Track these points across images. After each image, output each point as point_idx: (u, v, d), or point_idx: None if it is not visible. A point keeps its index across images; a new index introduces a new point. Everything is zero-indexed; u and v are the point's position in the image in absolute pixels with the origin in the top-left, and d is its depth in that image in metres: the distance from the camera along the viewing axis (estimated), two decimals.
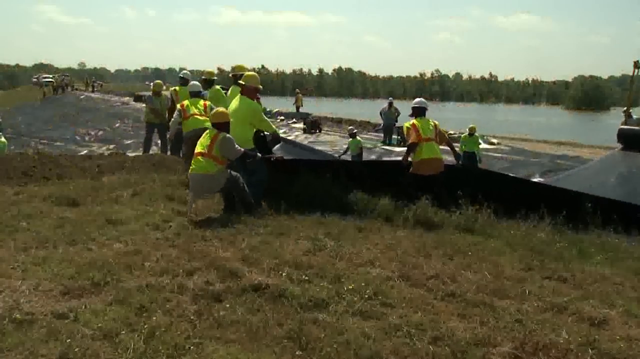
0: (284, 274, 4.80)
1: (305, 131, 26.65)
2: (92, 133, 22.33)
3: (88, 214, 6.66)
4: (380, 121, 24.23)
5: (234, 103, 7.85)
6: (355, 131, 16.77)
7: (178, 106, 10.14)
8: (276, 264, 5.07)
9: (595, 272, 5.51)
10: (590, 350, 3.57)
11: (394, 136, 22.44)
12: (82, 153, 15.75)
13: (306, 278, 4.72)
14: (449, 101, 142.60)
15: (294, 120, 31.93)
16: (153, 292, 4.30)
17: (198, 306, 4.10)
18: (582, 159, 17.36)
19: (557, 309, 4.36)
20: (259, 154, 7.45)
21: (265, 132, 8.31)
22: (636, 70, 14.31)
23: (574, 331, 3.89)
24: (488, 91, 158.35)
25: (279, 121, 32.24)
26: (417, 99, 9.07)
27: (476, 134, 15.53)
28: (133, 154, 12.15)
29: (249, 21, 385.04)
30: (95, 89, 66.34)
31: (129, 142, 22.39)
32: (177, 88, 12.24)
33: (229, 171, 7.08)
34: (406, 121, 9.01)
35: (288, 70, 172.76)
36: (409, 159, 8.36)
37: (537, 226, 7.09)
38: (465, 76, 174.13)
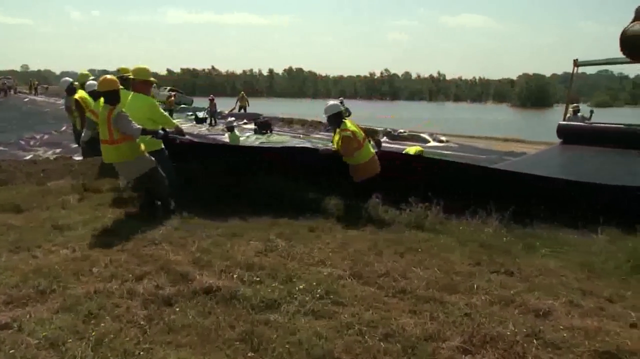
0: (235, 276, 4.78)
1: (256, 131, 26.55)
2: (38, 137, 21.68)
3: (33, 220, 6.50)
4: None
5: (128, 103, 7.46)
6: (234, 124, 16.54)
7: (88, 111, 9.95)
8: (227, 266, 5.05)
9: (540, 265, 5.65)
10: (535, 340, 3.68)
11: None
12: (27, 158, 15.33)
13: (258, 279, 4.72)
14: (398, 99, 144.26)
15: (245, 121, 31.76)
16: (101, 298, 4.23)
17: (148, 311, 4.05)
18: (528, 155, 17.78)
19: (504, 302, 4.45)
20: (161, 131, 7.28)
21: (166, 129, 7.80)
22: (576, 69, 14.83)
23: (520, 322, 3.99)
24: (437, 89, 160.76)
25: (228, 121, 32.03)
26: (332, 103, 8.55)
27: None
28: (80, 158, 11.85)
29: (198, 22, 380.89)
30: (40, 92, 64.51)
31: (76, 145, 21.79)
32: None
33: (152, 158, 7.03)
34: (339, 131, 8.25)
35: (238, 71, 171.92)
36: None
37: (486, 222, 7.22)
38: (414, 75, 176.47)
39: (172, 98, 38.02)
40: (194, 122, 31.10)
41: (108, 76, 7.08)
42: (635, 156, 11.82)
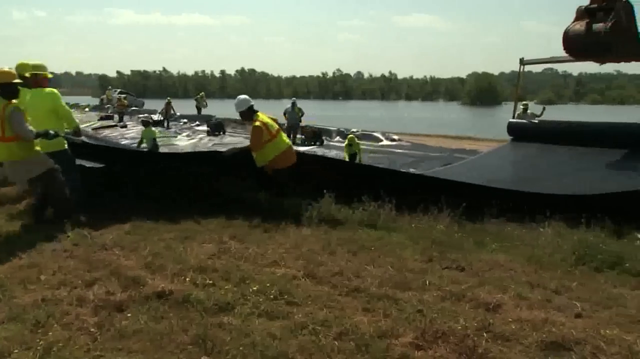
0: (188, 279, 4.74)
1: (209, 133, 26.32)
2: None
3: None
4: (285, 121, 24.32)
5: (30, 100, 7.09)
6: (150, 120, 16.28)
7: None
8: (180, 269, 4.99)
9: (490, 260, 5.77)
10: (485, 334, 3.75)
11: (299, 135, 22.59)
12: None
13: (211, 281, 4.68)
14: (351, 99, 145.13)
15: (197, 122, 31.45)
16: (50, 306, 4.14)
17: (98, 317, 3.98)
18: (479, 152, 18.12)
19: (455, 297, 4.53)
20: (51, 132, 6.76)
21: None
22: (522, 67, 15.19)
23: (470, 316, 4.07)
24: (389, 88, 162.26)
25: (181, 123, 31.66)
26: (243, 98, 8.35)
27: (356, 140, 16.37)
28: None
29: (147, 23, 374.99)
30: None
31: None
32: None
33: (50, 160, 6.72)
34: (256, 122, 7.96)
35: (190, 73, 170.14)
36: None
37: (437, 219, 7.33)
38: (366, 75, 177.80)
39: (124, 100, 37.30)
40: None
41: (5, 68, 6.65)
42: (583, 153, 12.16)
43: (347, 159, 15.15)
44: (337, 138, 24.78)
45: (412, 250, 5.98)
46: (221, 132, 26.40)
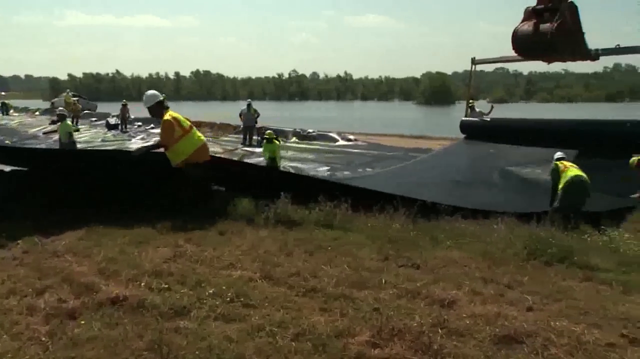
0: (143, 284, 4.68)
1: None
2: None
3: None
4: (240, 123, 24.19)
5: None
6: (65, 114, 15.72)
7: None
8: (135, 274, 4.93)
9: (445, 256, 5.85)
10: (440, 330, 3.81)
11: (255, 137, 22.50)
12: None
13: (166, 286, 4.63)
14: (307, 100, 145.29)
15: (152, 125, 30.96)
16: None
17: (50, 326, 3.90)
18: (433, 151, 18.38)
19: (411, 294, 4.59)
20: None
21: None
22: (474, 67, 15.50)
23: (426, 313, 4.12)
24: (345, 89, 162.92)
25: (136, 126, 31.14)
26: (152, 93, 8.07)
27: (278, 142, 15.05)
28: None
29: (98, 24, 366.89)
30: None
31: None
32: None
33: None
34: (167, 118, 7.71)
35: (144, 75, 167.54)
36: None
37: (393, 217, 7.41)
38: (322, 75, 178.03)
39: (77, 104, 36.34)
40: (106, 129, 29.83)
41: None
42: (532, 150, 12.47)
43: (267, 160, 14.29)
44: (294, 139, 24.78)
45: (368, 249, 6.03)
46: None
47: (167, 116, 7.63)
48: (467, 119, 16.04)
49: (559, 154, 8.90)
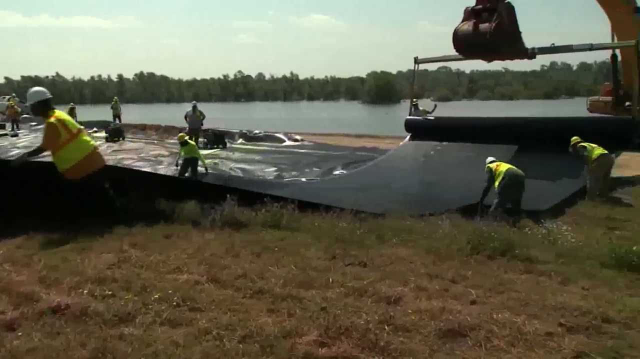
0: (85, 291, 4.57)
1: (107, 139, 25.38)
2: None
3: None
4: (186, 125, 23.88)
5: None
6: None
7: None
8: (77, 281, 4.81)
9: (391, 254, 5.93)
10: (386, 326, 3.86)
11: (201, 139, 22.25)
12: None
13: (110, 292, 4.54)
14: (253, 100, 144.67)
15: (95, 129, 30.26)
16: None
17: None
18: (379, 150, 18.56)
19: (358, 292, 4.63)
20: None
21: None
22: (417, 66, 15.76)
23: (373, 311, 4.17)
24: (291, 89, 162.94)
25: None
26: (37, 89, 7.55)
27: (193, 142, 14.84)
28: None
29: (36, 26, 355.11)
30: None
31: None
32: None
33: None
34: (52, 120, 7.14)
35: (86, 77, 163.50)
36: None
37: (340, 216, 7.47)
38: (268, 76, 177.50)
39: (15, 107, 35.01)
40: None
41: None
42: (476, 148, 12.77)
43: (182, 161, 13.82)
44: (240, 140, 24.65)
45: (315, 249, 6.05)
46: (120, 139, 25.54)
47: (52, 118, 7.07)
48: (412, 117, 16.29)
49: (490, 158, 9.15)
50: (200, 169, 13.73)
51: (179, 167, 14.02)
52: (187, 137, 14.30)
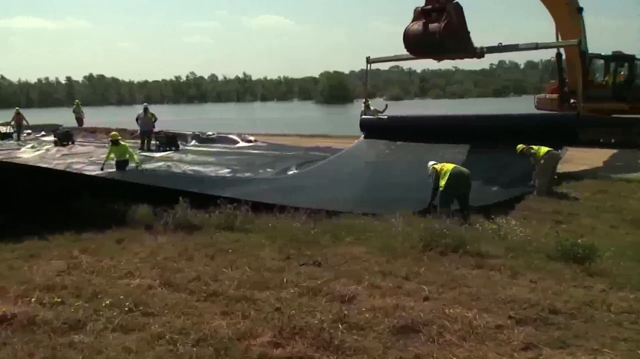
0: (33, 299, 4.46)
1: (56, 143, 24.73)
2: None
3: None
4: (137, 127, 23.46)
5: None
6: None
7: None
8: (25, 290, 4.70)
9: (346, 253, 5.97)
10: (340, 325, 3.89)
11: (153, 141, 21.91)
12: None
13: (59, 299, 4.45)
14: (206, 102, 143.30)
15: (43, 133, 29.42)
16: None
17: None
18: (333, 149, 18.61)
19: (312, 292, 4.65)
20: None
21: None
22: (369, 66, 15.86)
23: (327, 310, 4.19)
24: (244, 90, 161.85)
25: (25, 134, 29.53)
26: None
27: (125, 143, 14.09)
28: None
29: None
30: None
31: None
32: None
33: None
34: None
35: (33, 80, 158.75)
36: None
37: (295, 216, 7.47)
38: (220, 77, 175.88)
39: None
40: None
41: None
42: (430, 147, 12.92)
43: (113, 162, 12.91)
44: (193, 142, 24.36)
45: (269, 249, 6.05)
46: (70, 142, 24.90)
47: None
48: (367, 117, 16.39)
49: (432, 162, 9.26)
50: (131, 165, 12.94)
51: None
52: (119, 137, 13.56)
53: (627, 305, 4.35)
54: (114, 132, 13.95)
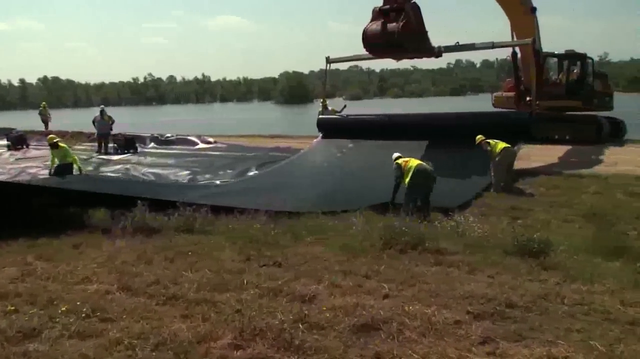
0: None
1: (9, 147, 24.08)
2: None
3: None
4: (94, 130, 23.03)
5: None
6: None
7: None
8: None
9: (306, 252, 5.98)
10: (301, 325, 3.90)
11: (110, 144, 21.54)
12: None
13: (13, 307, 4.35)
14: (165, 103, 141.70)
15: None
16: None
17: None
18: (292, 149, 18.61)
19: (273, 293, 4.64)
20: None
21: None
22: (329, 65, 15.93)
23: (287, 310, 4.19)
24: (203, 91, 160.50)
25: None
26: None
27: (65, 145, 13.16)
28: None
29: None
30: None
31: None
32: None
33: None
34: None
35: None
36: None
37: (255, 217, 7.45)
38: (179, 78, 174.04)
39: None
40: None
41: None
42: (388, 145, 13.01)
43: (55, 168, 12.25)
44: (152, 144, 24.04)
45: (229, 251, 6.02)
46: (24, 146, 24.29)
47: None
48: (324, 116, 16.43)
49: (396, 154, 9.32)
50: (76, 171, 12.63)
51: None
52: (57, 139, 13.11)
53: (580, 297, 4.47)
54: (51, 135, 13.38)
